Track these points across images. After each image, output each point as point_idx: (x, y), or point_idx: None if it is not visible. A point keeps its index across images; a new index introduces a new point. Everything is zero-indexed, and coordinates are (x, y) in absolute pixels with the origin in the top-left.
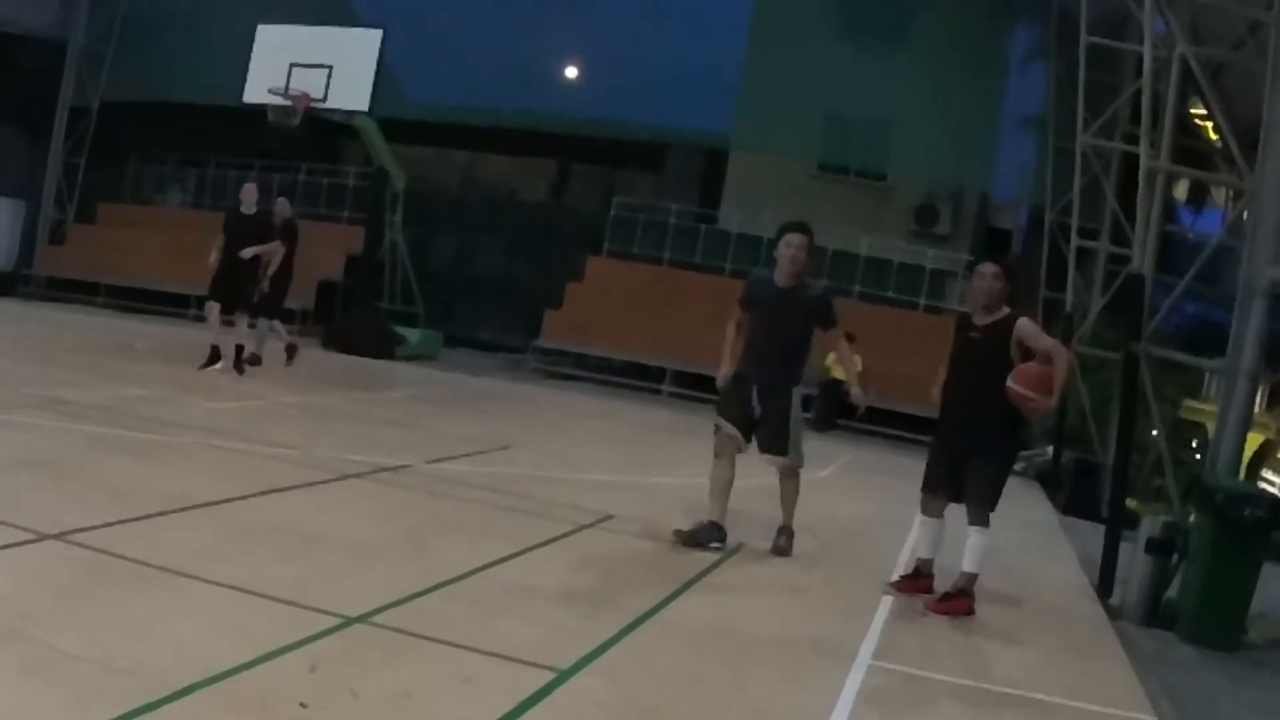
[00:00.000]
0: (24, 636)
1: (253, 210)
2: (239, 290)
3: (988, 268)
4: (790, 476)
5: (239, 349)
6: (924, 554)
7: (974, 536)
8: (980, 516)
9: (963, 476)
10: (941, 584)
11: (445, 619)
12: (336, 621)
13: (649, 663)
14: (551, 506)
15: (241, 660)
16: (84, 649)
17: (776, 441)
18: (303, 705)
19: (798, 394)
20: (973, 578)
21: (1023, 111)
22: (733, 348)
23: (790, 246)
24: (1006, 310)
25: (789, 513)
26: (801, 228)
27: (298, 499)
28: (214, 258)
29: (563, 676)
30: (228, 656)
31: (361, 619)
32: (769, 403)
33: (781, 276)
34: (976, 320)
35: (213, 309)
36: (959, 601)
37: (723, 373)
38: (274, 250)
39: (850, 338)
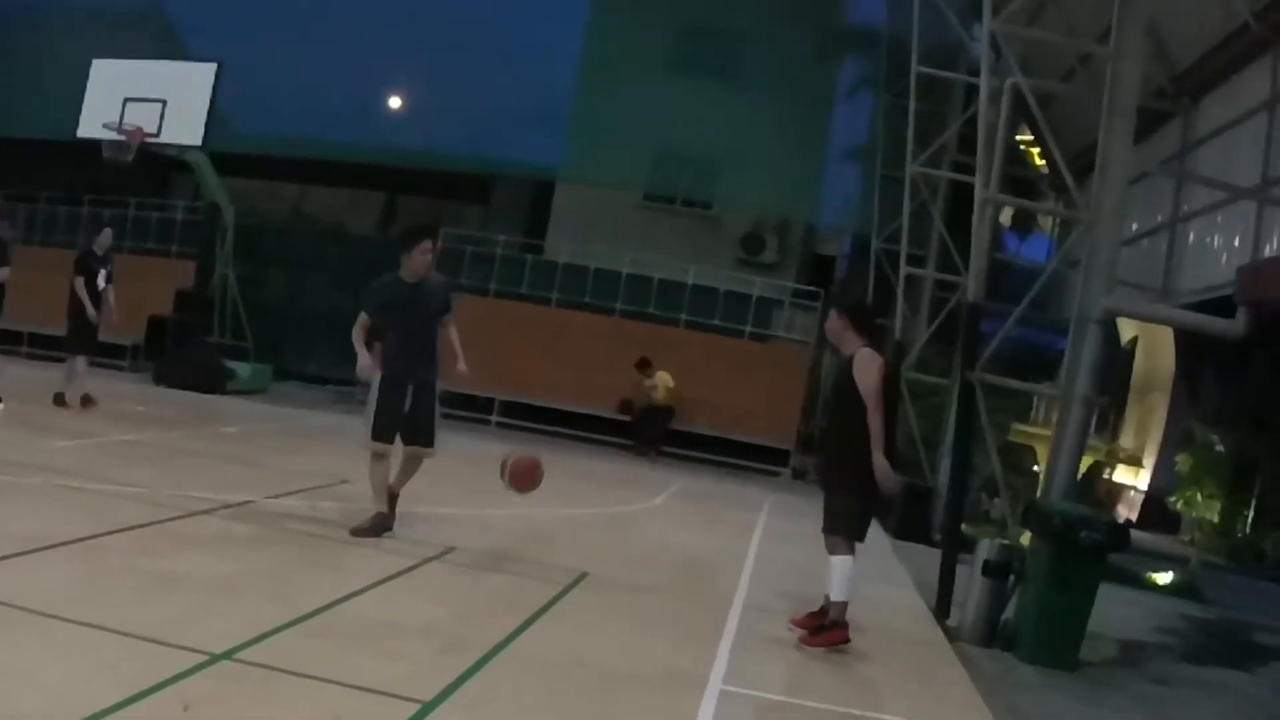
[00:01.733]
0: None
1: None
2: None
3: (831, 312)
4: (419, 461)
5: None
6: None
7: (829, 565)
8: (829, 545)
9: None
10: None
11: (308, 654)
12: (203, 659)
13: (509, 694)
14: (395, 540)
15: (116, 700)
16: None
17: (426, 435)
18: None
19: (439, 385)
20: (841, 606)
21: (849, 141)
22: (370, 348)
23: (427, 252)
24: (857, 346)
25: (395, 495)
26: (434, 233)
27: (149, 538)
28: None
29: (426, 709)
30: (102, 697)
31: (227, 655)
32: (420, 398)
33: (413, 274)
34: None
35: None
36: (834, 633)
37: (363, 363)
38: (4, 276)
39: (646, 363)
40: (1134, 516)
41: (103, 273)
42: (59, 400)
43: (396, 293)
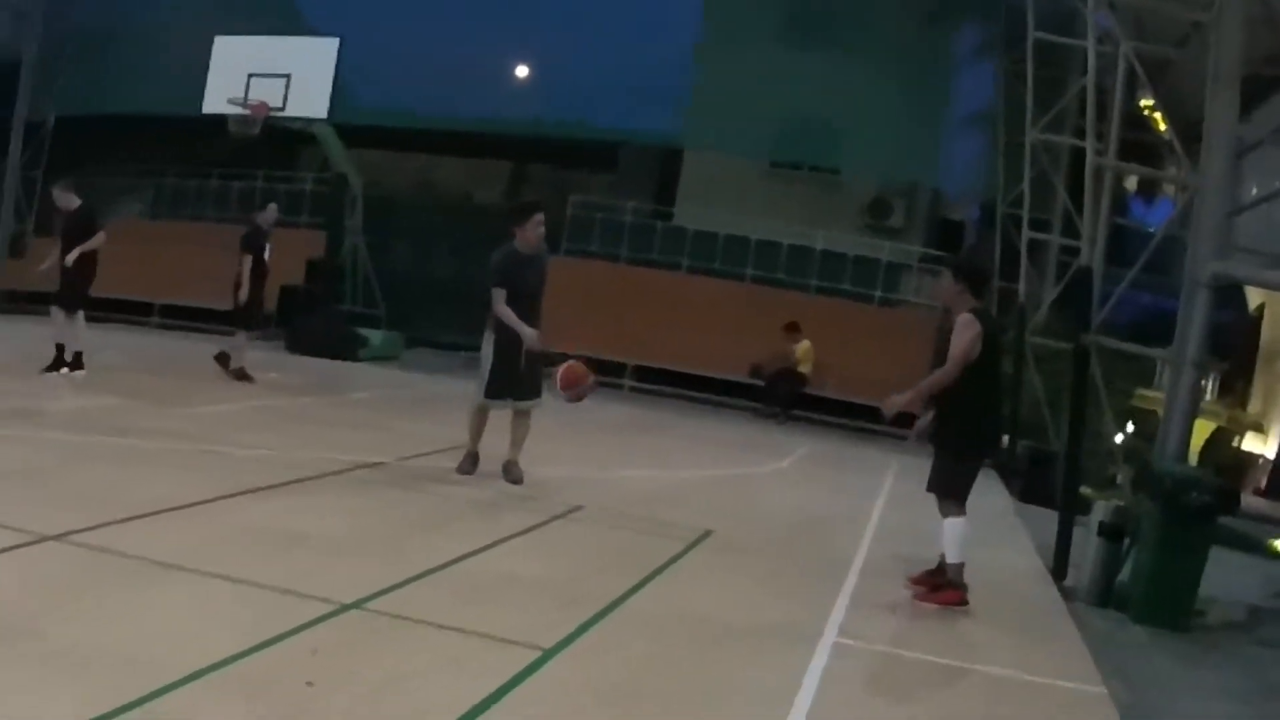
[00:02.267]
0: (34, 632)
1: (71, 207)
2: (60, 288)
3: (944, 273)
4: (529, 416)
5: (59, 348)
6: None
7: (943, 527)
8: (941, 508)
9: None
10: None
11: (434, 605)
12: (331, 608)
13: (626, 645)
14: (522, 500)
15: (246, 645)
16: (92, 642)
17: (535, 392)
18: (309, 684)
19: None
20: (956, 567)
21: (972, 106)
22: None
23: (540, 225)
24: (965, 308)
25: (520, 449)
26: (542, 207)
27: (279, 498)
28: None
29: (546, 656)
30: (232, 643)
31: (355, 605)
32: (531, 360)
33: (528, 247)
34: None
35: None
36: (949, 593)
37: (527, 333)
38: (99, 243)
39: (795, 327)
40: (1263, 484)
41: (268, 248)
42: (241, 374)
43: (516, 264)
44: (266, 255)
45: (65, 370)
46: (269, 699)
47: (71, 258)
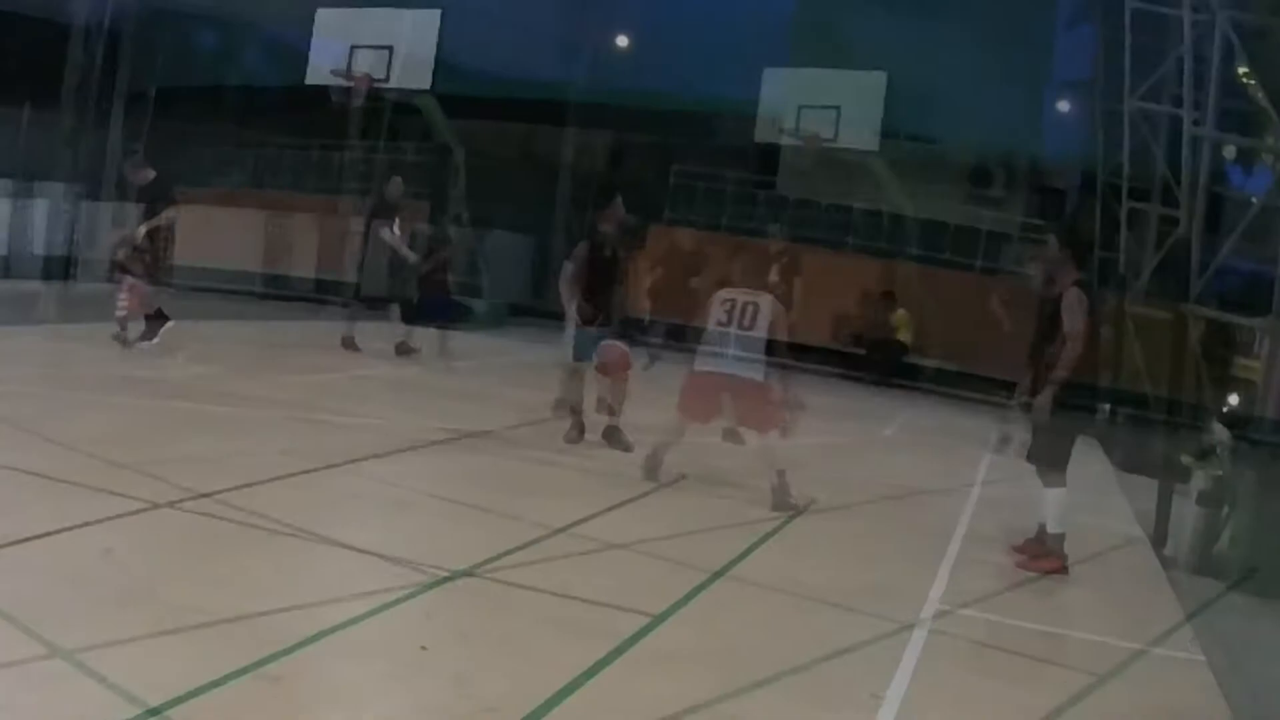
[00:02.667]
0: (153, 596)
1: (146, 180)
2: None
3: (1049, 239)
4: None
5: (147, 319)
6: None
7: (1045, 496)
8: (1044, 478)
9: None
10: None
11: (542, 571)
12: (442, 574)
13: (731, 611)
14: (630, 468)
15: (361, 611)
16: (207, 605)
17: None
18: (423, 648)
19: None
20: (1056, 537)
21: (1073, 74)
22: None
23: (620, 208)
24: (1070, 280)
25: (619, 415)
26: (616, 194)
27: (387, 465)
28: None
29: (656, 621)
30: (346, 607)
31: (466, 572)
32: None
33: (610, 227)
34: (1053, 292)
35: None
36: (1049, 561)
37: (572, 315)
38: (172, 218)
39: (890, 295)
40: None
41: (396, 221)
42: (349, 344)
43: (593, 245)
44: (395, 227)
45: (157, 340)
46: (384, 662)
47: (140, 234)
